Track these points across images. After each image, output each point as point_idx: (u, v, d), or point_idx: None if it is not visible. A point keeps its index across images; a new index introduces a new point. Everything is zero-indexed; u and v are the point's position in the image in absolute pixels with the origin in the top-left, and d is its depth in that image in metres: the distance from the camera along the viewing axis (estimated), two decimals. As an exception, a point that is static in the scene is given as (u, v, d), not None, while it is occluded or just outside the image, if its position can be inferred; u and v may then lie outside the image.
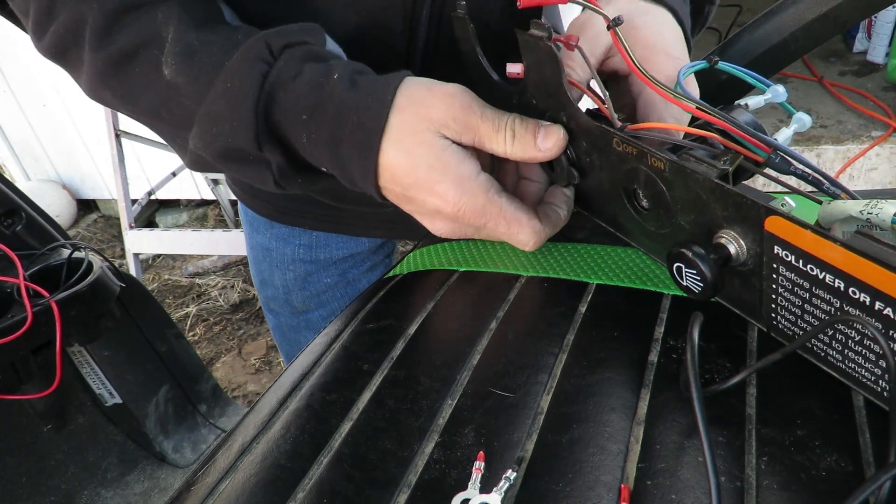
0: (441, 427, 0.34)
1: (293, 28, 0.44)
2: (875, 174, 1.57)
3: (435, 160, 0.41)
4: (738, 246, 0.34)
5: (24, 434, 1.02)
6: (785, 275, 0.32)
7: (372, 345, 0.41)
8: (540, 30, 0.39)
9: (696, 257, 0.34)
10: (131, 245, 1.90)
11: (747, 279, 0.35)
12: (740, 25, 0.95)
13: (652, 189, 0.38)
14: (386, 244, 0.81)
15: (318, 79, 0.41)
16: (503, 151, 0.42)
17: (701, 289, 0.35)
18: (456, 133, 0.41)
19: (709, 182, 0.34)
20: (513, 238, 0.44)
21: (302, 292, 0.78)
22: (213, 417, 1.21)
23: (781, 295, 0.33)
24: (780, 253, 0.31)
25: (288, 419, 0.37)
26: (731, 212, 0.33)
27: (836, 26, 0.58)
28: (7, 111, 2.57)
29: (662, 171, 0.36)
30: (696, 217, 0.36)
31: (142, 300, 1.12)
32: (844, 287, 0.29)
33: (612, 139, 0.39)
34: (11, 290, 0.84)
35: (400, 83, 0.42)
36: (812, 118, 0.38)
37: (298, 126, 0.42)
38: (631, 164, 0.39)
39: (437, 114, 0.41)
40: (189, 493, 0.35)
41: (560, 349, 0.37)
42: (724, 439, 0.30)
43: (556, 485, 0.29)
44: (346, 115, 0.41)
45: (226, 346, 2.04)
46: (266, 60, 0.42)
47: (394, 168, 0.41)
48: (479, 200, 0.41)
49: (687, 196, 0.36)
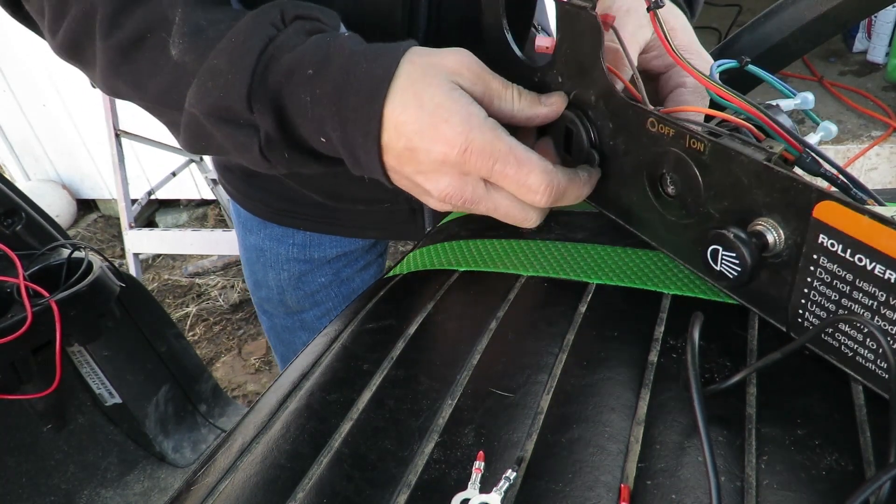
0: (441, 427, 0.34)
1: (309, 4, 0.44)
2: (875, 174, 1.57)
3: (445, 98, 0.39)
4: (777, 234, 0.33)
5: (24, 434, 1.02)
6: (825, 266, 0.31)
7: (372, 345, 0.41)
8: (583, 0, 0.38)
9: (737, 240, 0.34)
10: (131, 245, 1.90)
11: (778, 272, 0.34)
12: (740, 25, 0.95)
13: (683, 173, 0.37)
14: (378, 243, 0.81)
15: (326, 39, 0.41)
16: (510, 108, 0.42)
17: (737, 274, 0.34)
18: (469, 82, 0.41)
19: (757, 164, 0.33)
20: (522, 184, 0.40)
21: (296, 292, 0.78)
22: (213, 417, 1.21)
23: (816, 289, 0.32)
24: (825, 242, 0.31)
25: (288, 419, 0.37)
26: (775, 197, 0.32)
27: (836, 26, 0.58)
28: (7, 111, 2.57)
29: (701, 153, 0.35)
30: (731, 204, 0.35)
31: (142, 300, 1.12)
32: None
33: (647, 119, 0.38)
34: (11, 290, 0.84)
35: (411, 45, 0.42)
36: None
37: (303, 85, 0.41)
38: (664, 147, 0.38)
39: (450, 63, 0.41)
40: (189, 493, 0.35)
41: (560, 349, 0.37)
42: (724, 439, 0.30)
43: (556, 485, 0.29)
44: (355, 64, 0.40)
45: (226, 346, 2.04)
46: (276, 25, 0.42)
47: (399, 115, 0.39)
48: (487, 136, 0.39)
49: (725, 180, 0.35)
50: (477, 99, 0.41)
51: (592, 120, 0.43)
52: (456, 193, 0.41)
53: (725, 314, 0.38)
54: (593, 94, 0.42)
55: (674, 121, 0.37)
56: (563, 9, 0.40)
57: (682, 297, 0.40)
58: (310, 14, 0.43)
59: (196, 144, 0.46)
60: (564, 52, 0.42)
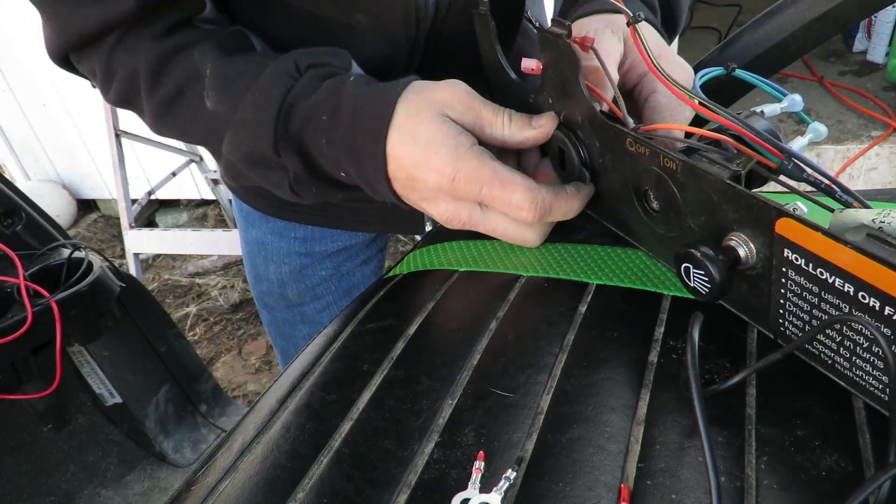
0: (441, 427, 0.34)
1: (321, 50, 0.49)
2: (875, 174, 1.57)
3: (435, 132, 0.43)
4: (748, 249, 0.34)
5: (24, 434, 1.02)
6: (794, 279, 0.32)
7: (372, 345, 0.42)
8: (559, 27, 0.40)
9: (704, 258, 0.34)
10: (131, 245, 1.90)
11: (756, 283, 0.35)
12: (740, 25, 0.95)
13: (663, 190, 0.38)
14: (379, 238, 0.82)
15: (336, 84, 0.46)
16: (501, 134, 0.45)
17: (708, 290, 0.35)
18: (459, 113, 0.44)
19: (720, 183, 0.34)
20: (509, 203, 0.43)
21: (297, 285, 0.79)
22: (213, 417, 1.21)
23: (790, 300, 0.33)
24: (790, 256, 0.31)
25: (288, 419, 0.37)
26: (741, 213, 0.33)
27: (836, 26, 0.58)
28: (7, 111, 2.57)
29: (675, 171, 0.36)
30: (707, 219, 0.36)
31: (142, 300, 1.12)
32: (854, 291, 0.29)
33: (626, 139, 0.39)
34: (11, 290, 0.84)
35: (410, 81, 0.45)
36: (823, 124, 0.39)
37: (319, 130, 0.45)
38: (643, 165, 0.39)
39: (441, 96, 0.44)
40: (189, 493, 0.35)
41: (560, 349, 0.37)
42: (724, 439, 0.30)
43: (556, 485, 0.29)
44: (361, 107, 0.44)
45: (226, 346, 2.04)
46: (292, 76, 0.46)
47: (398, 150, 0.44)
48: (472, 164, 0.42)
49: (698, 197, 0.36)
50: (468, 127, 0.44)
51: (581, 139, 0.44)
52: (454, 217, 0.45)
53: (725, 315, 0.38)
54: (579, 114, 0.43)
55: (647, 141, 0.38)
56: (542, 35, 0.41)
57: (682, 297, 0.40)
58: (322, 61, 0.48)
59: (234, 179, 0.54)
60: (549, 76, 0.44)
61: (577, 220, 0.48)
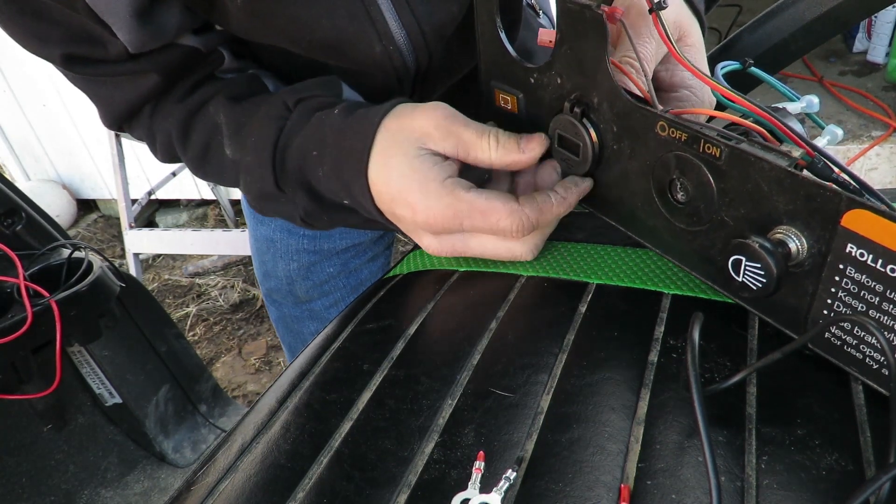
0: (441, 427, 0.34)
1: (308, 83, 0.50)
2: (875, 174, 1.57)
3: (407, 168, 0.42)
4: (799, 243, 0.31)
5: (24, 434, 1.02)
6: (852, 276, 0.30)
7: (372, 345, 0.41)
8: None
9: (762, 250, 0.32)
10: (131, 245, 1.90)
11: (798, 282, 0.33)
12: (740, 25, 0.95)
13: (695, 179, 0.36)
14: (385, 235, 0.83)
15: (322, 118, 0.47)
16: (487, 157, 0.43)
17: (761, 286, 0.33)
18: (438, 140, 0.43)
19: (779, 171, 0.31)
20: (495, 230, 0.42)
21: (305, 282, 0.79)
22: (213, 417, 1.21)
23: (841, 300, 0.31)
24: (854, 252, 0.29)
25: (288, 419, 0.37)
26: (798, 205, 0.31)
27: (836, 26, 0.58)
28: (7, 111, 2.57)
29: (716, 158, 0.34)
30: (749, 211, 0.34)
31: (142, 300, 1.12)
32: None
33: (657, 123, 0.36)
34: (11, 290, 0.84)
35: (391, 107, 0.44)
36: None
37: (314, 164, 0.46)
38: (674, 151, 0.36)
39: (419, 124, 0.43)
40: (189, 493, 0.35)
41: (560, 349, 0.37)
42: (724, 439, 0.30)
43: (556, 485, 0.29)
44: (343, 141, 0.45)
45: (226, 346, 2.04)
46: (282, 115, 0.48)
47: (377, 184, 0.44)
48: (444, 201, 0.41)
49: (742, 187, 0.33)
50: (449, 153, 0.43)
51: (595, 123, 0.41)
52: (441, 249, 0.45)
53: (725, 314, 0.38)
54: (596, 96, 0.40)
55: (688, 125, 0.35)
56: (564, 7, 0.38)
57: (682, 297, 0.40)
58: (310, 94, 0.49)
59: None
60: (564, 53, 0.40)
61: (577, 220, 0.48)
